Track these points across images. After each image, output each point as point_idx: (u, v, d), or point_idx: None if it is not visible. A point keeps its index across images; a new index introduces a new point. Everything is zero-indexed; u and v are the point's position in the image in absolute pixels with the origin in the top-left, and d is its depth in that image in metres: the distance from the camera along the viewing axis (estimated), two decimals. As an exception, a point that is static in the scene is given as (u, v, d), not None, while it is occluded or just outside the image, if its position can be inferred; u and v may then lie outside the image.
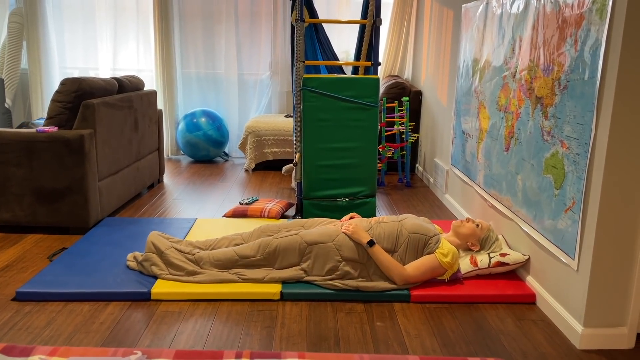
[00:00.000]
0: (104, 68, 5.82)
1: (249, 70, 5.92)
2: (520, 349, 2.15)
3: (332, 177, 3.48)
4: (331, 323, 2.32)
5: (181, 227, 3.37)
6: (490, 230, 2.79)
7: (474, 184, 3.48)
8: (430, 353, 2.10)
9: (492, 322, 2.36)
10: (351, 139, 3.44)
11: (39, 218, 3.27)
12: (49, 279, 2.58)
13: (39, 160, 3.19)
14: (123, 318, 2.32)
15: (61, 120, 3.34)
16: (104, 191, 3.45)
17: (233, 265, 2.63)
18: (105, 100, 3.47)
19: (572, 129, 2.22)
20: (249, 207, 3.67)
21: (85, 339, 2.14)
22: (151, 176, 4.40)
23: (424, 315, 2.41)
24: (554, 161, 2.38)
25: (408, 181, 4.80)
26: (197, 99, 5.96)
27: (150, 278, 2.61)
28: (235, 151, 5.94)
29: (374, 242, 2.58)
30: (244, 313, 2.39)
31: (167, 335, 2.19)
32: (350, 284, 2.55)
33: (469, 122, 3.63)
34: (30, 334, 2.17)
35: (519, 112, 2.77)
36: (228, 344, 2.14)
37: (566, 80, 2.27)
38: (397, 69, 5.86)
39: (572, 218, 2.21)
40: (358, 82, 3.40)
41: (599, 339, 2.15)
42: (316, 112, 3.39)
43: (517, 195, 2.78)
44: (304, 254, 2.62)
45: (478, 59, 3.46)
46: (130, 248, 2.98)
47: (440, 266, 2.57)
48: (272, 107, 5.99)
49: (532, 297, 2.54)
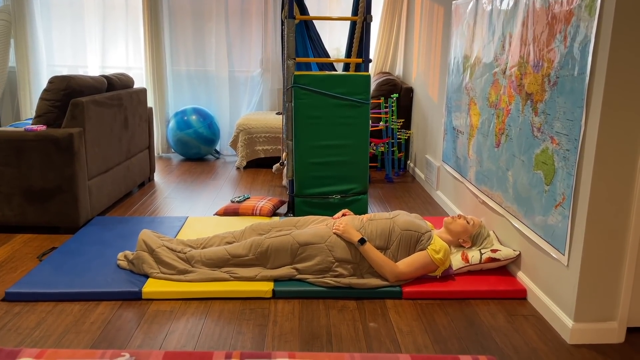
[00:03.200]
0: (93, 66, 5.77)
1: (239, 68, 5.89)
2: (512, 344, 2.16)
3: (324, 174, 3.47)
4: (323, 321, 2.32)
5: (172, 226, 3.35)
6: (481, 227, 2.80)
7: (465, 181, 3.49)
8: (422, 349, 2.11)
9: (483, 317, 2.37)
10: (342, 137, 3.44)
11: (28, 218, 3.24)
12: (39, 279, 2.55)
13: (27, 159, 3.16)
14: (114, 318, 2.30)
15: (50, 119, 3.31)
16: (93, 190, 3.43)
17: (225, 264, 2.62)
18: (95, 99, 3.44)
19: (561, 125, 2.23)
20: (240, 205, 3.66)
21: (76, 340, 2.12)
22: (142, 174, 4.37)
23: (416, 311, 2.42)
24: (544, 157, 2.39)
25: (388, 175, 4.81)
26: (187, 97, 5.92)
27: (141, 277, 2.59)
28: (227, 149, 5.92)
29: (365, 240, 2.57)
30: (236, 311, 2.38)
31: (159, 334, 2.18)
32: (343, 281, 2.55)
33: (459, 119, 3.64)
34: (20, 334, 2.15)
35: (509, 108, 2.78)
36: (220, 342, 2.13)
37: (556, 76, 2.28)
38: (388, 65, 5.86)
39: (562, 214, 2.23)
40: (349, 79, 3.40)
41: (590, 333, 2.17)
42: (307, 110, 3.38)
43: (507, 191, 2.79)
44: (296, 255, 2.61)
45: (469, 55, 3.47)
46: (121, 247, 2.96)
47: (432, 262, 2.58)
48: (263, 105, 5.97)
49: (523, 292, 2.55)
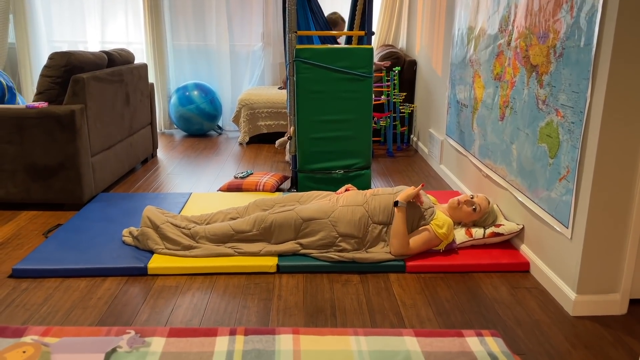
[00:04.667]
0: (93, 41, 5.71)
1: (240, 42, 5.82)
2: (514, 317, 2.17)
3: (327, 149, 3.46)
4: (327, 294, 2.34)
5: (176, 202, 3.36)
6: (487, 213, 2.76)
7: (468, 154, 3.48)
8: (425, 322, 2.13)
9: (486, 290, 2.39)
10: (345, 111, 3.41)
11: (33, 195, 3.25)
12: (45, 256, 2.58)
13: (30, 136, 3.15)
14: (120, 293, 2.33)
15: (51, 96, 3.29)
16: (97, 167, 3.43)
17: (229, 240, 2.63)
18: (95, 75, 3.42)
19: (567, 97, 2.20)
20: (243, 181, 3.66)
21: (84, 315, 2.15)
22: (144, 151, 4.37)
23: (419, 285, 2.43)
24: (548, 130, 2.37)
25: (389, 150, 4.78)
26: (188, 72, 5.87)
27: (146, 253, 2.61)
28: (229, 124, 5.89)
29: (398, 202, 2.59)
30: (240, 286, 2.40)
31: (165, 309, 2.20)
32: (346, 255, 2.56)
33: (463, 92, 3.60)
34: (28, 310, 2.18)
35: (514, 80, 2.74)
36: (226, 317, 2.15)
37: (562, 47, 2.24)
38: (391, 38, 5.78)
39: (566, 187, 2.22)
40: (352, 53, 3.35)
41: (592, 305, 2.18)
42: (309, 84, 3.35)
43: (511, 165, 2.78)
44: (300, 230, 2.62)
45: (473, 27, 3.41)
46: (126, 223, 2.97)
47: (436, 237, 2.58)
48: (265, 79, 5.92)
49: (526, 265, 2.56)
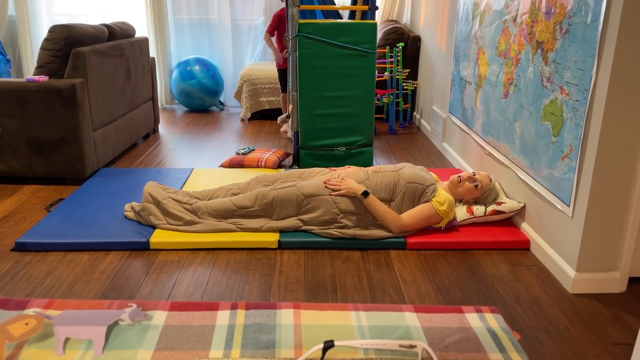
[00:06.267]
0: (93, 14, 5.64)
1: (242, 16, 5.75)
2: (514, 294, 2.19)
3: (329, 126, 3.44)
4: (328, 270, 2.36)
5: (178, 178, 3.37)
6: (489, 190, 2.77)
7: (471, 132, 3.46)
8: (425, 298, 2.15)
9: (486, 268, 2.40)
10: (348, 87, 3.39)
11: (35, 169, 3.25)
12: (48, 230, 2.59)
13: (31, 110, 3.14)
14: (123, 267, 2.35)
15: (52, 69, 3.27)
16: (98, 141, 3.42)
17: (231, 215, 2.64)
18: (96, 48, 3.38)
19: (572, 74, 2.18)
20: (245, 157, 3.66)
21: (87, 288, 2.17)
22: (146, 126, 4.36)
23: (420, 262, 2.45)
24: (552, 108, 2.35)
25: (392, 127, 4.76)
26: (190, 46, 5.82)
27: (148, 228, 2.62)
28: (231, 100, 5.86)
29: (368, 192, 2.58)
30: (242, 261, 2.42)
31: (167, 283, 2.22)
32: (348, 232, 2.57)
33: (467, 69, 3.57)
34: (32, 283, 2.20)
35: (519, 57, 2.71)
36: (227, 291, 2.17)
37: (568, 24, 2.21)
38: (395, 13, 5.70)
39: (568, 165, 2.21)
40: (355, 28, 3.31)
41: (591, 283, 2.20)
42: (312, 60, 3.32)
43: (514, 143, 2.77)
44: (302, 206, 2.62)
45: (478, 2, 3.36)
46: (128, 198, 2.98)
47: (437, 214, 2.59)
48: (267, 55, 5.86)
49: (526, 243, 2.57)
